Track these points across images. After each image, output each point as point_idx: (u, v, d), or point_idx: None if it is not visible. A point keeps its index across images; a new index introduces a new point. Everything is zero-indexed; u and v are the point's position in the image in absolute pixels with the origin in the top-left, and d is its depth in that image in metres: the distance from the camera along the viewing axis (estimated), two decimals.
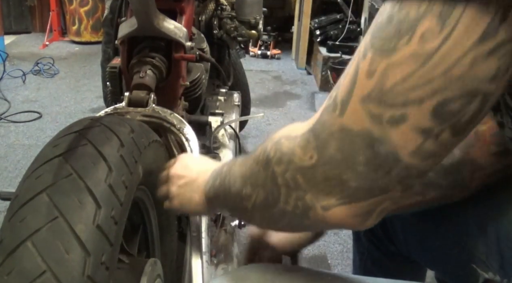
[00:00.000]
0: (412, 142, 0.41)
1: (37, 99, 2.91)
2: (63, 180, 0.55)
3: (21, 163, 2.14)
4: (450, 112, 0.40)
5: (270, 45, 4.00)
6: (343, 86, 0.44)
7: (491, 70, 0.39)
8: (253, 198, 0.54)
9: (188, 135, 0.92)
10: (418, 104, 0.40)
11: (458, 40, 0.38)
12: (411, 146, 0.41)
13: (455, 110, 0.40)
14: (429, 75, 0.39)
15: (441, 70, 0.39)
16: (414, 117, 0.40)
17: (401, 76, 0.40)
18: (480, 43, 0.38)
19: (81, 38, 4.15)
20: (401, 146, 0.41)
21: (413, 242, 0.82)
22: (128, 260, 0.71)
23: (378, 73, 0.41)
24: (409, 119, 0.40)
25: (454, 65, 0.38)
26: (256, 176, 0.53)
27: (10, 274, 0.48)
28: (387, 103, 0.41)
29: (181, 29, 1.01)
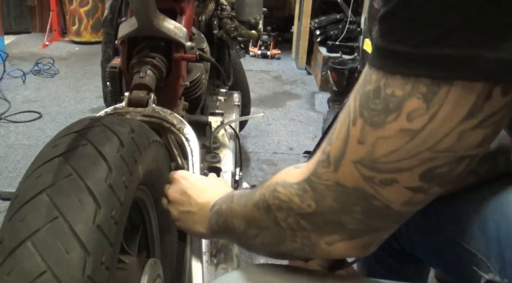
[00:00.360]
0: (403, 197, 0.44)
1: (37, 99, 2.91)
2: (63, 180, 0.55)
3: (21, 163, 2.14)
4: (438, 175, 0.42)
5: (270, 45, 4.00)
6: (335, 146, 0.46)
7: (478, 139, 0.40)
8: (259, 237, 0.57)
9: (188, 135, 0.92)
10: (407, 171, 0.42)
11: (445, 118, 0.39)
12: (402, 200, 0.45)
13: (443, 173, 0.42)
14: (417, 149, 0.41)
15: (428, 145, 0.40)
16: (404, 181, 0.43)
17: (390, 149, 0.42)
18: (467, 119, 0.39)
19: (81, 38, 4.15)
20: (392, 200, 0.45)
21: (417, 240, 0.82)
22: (128, 260, 0.71)
23: (369, 143, 0.43)
24: (399, 182, 0.43)
25: (441, 140, 0.40)
26: (259, 220, 0.56)
27: (10, 274, 0.48)
28: (378, 170, 0.43)
29: (181, 29, 1.01)
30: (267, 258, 0.90)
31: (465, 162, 0.42)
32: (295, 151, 2.33)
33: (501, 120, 0.40)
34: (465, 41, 0.37)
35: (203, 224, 0.71)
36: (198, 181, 0.78)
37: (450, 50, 0.37)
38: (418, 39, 0.38)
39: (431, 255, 0.81)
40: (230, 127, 1.42)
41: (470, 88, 0.38)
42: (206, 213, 0.71)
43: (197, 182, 0.78)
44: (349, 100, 0.46)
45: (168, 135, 0.95)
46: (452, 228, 0.73)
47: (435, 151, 0.40)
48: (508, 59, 0.36)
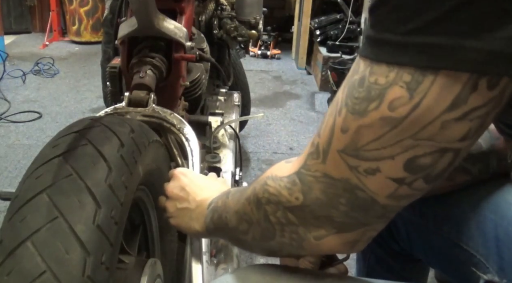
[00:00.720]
0: (387, 188, 0.44)
1: (37, 99, 2.91)
2: (63, 180, 0.55)
3: (21, 163, 2.14)
4: (421, 165, 0.42)
5: (270, 45, 4.00)
6: (323, 136, 0.47)
7: (462, 132, 0.40)
8: (250, 233, 0.57)
9: (188, 135, 0.92)
10: (390, 159, 0.42)
11: (428, 108, 0.39)
12: (386, 191, 0.44)
13: (426, 164, 0.42)
14: (399, 137, 0.41)
15: (410, 133, 0.40)
16: (387, 170, 0.43)
17: (372, 137, 0.42)
18: (450, 110, 0.38)
19: (81, 38, 4.15)
20: (377, 192, 0.45)
21: (416, 241, 0.82)
22: (128, 260, 0.71)
23: (351, 132, 0.43)
24: (382, 171, 0.43)
25: (423, 128, 0.40)
26: (249, 214, 0.56)
27: (10, 274, 0.48)
28: (362, 158, 0.43)
29: (181, 29, 1.01)
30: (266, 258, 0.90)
31: (449, 155, 0.41)
32: (295, 151, 2.33)
33: (486, 115, 0.39)
34: (451, 30, 0.37)
35: (199, 221, 0.71)
36: (197, 178, 0.78)
37: (436, 39, 0.37)
38: (404, 27, 0.38)
39: (429, 256, 0.81)
40: (230, 127, 1.42)
41: (455, 78, 0.37)
42: (203, 210, 0.70)
43: (196, 179, 0.78)
44: (338, 91, 0.46)
45: (168, 135, 0.95)
46: (449, 229, 0.73)
47: (417, 139, 0.40)
48: (495, 50, 0.36)
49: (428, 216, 0.76)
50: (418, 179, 0.43)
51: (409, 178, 0.43)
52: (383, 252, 0.92)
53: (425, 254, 0.82)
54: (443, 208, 0.74)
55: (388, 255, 0.92)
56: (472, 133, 0.40)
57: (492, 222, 0.68)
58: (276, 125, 2.65)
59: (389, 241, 0.88)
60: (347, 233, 0.49)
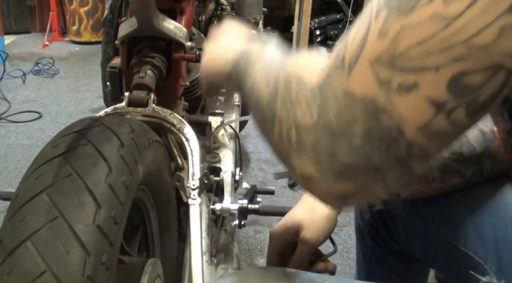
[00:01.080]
0: (421, 114, 0.36)
1: (37, 99, 2.91)
2: (63, 180, 0.55)
3: (21, 163, 2.14)
4: (468, 85, 0.35)
5: None
6: (352, 46, 0.39)
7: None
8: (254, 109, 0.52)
9: (188, 135, 0.92)
10: (434, 72, 0.35)
11: (486, 5, 0.33)
12: (419, 119, 0.36)
13: (475, 84, 0.35)
14: (450, 40, 0.34)
15: (463, 36, 0.34)
16: (428, 86, 0.35)
17: (417, 39, 0.35)
18: (510, 12, 0.33)
19: (81, 38, 4.16)
20: (408, 118, 0.36)
21: (415, 242, 0.82)
22: (128, 260, 0.71)
23: (392, 34, 0.36)
24: (421, 87, 0.35)
25: (478, 33, 0.34)
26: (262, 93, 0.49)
27: (10, 274, 0.48)
28: (399, 68, 0.36)
29: (181, 29, 1.01)
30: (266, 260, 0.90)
31: (501, 75, 0.34)
32: None
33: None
34: None
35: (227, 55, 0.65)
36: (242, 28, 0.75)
37: None
38: None
39: (428, 257, 0.81)
40: (230, 127, 1.42)
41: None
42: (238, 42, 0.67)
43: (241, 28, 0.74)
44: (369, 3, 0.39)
45: (168, 135, 0.95)
46: (447, 230, 0.73)
47: (470, 47, 0.34)
48: None
49: (426, 217, 0.77)
50: (460, 107, 0.36)
51: (451, 102, 0.35)
52: (383, 252, 0.92)
53: (424, 255, 0.82)
54: (441, 210, 0.74)
55: (388, 255, 0.92)
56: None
57: (490, 224, 0.68)
58: None
59: (389, 241, 0.89)
60: (347, 182, 0.41)
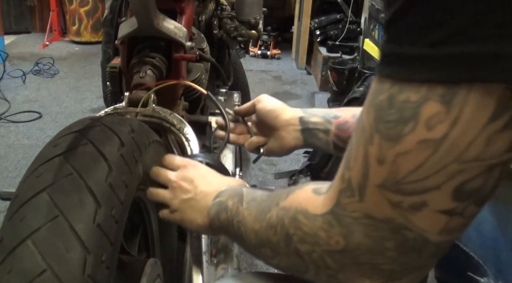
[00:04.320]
0: (437, 223, 0.39)
1: (37, 99, 2.91)
2: (63, 179, 0.55)
3: (21, 163, 2.14)
4: (470, 190, 0.37)
5: (270, 45, 4.00)
6: (356, 170, 0.41)
7: (507, 142, 0.36)
8: (276, 260, 0.53)
9: (188, 135, 0.92)
10: (437, 190, 0.37)
11: (468, 122, 0.34)
12: (437, 227, 0.39)
13: (476, 188, 0.37)
14: (442, 162, 0.36)
15: (454, 155, 0.36)
16: (435, 202, 0.38)
17: (413, 165, 0.37)
18: (493, 121, 0.34)
19: (81, 38, 4.16)
20: (427, 229, 0.39)
21: None
22: (128, 260, 0.71)
23: (389, 162, 0.38)
24: (430, 204, 0.38)
25: (467, 148, 0.35)
26: (276, 245, 0.51)
27: (10, 273, 0.48)
28: (405, 192, 0.38)
29: (181, 29, 1.01)
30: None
31: (496, 171, 0.37)
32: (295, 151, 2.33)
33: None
34: (483, 37, 0.33)
35: (202, 213, 0.67)
36: (208, 173, 0.74)
37: (467, 48, 0.33)
38: (430, 38, 0.34)
39: None
40: None
41: (492, 87, 0.34)
42: (208, 201, 0.67)
43: (207, 172, 0.73)
44: (361, 115, 0.41)
45: (168, 135, 0.95)
46: None
47: (463, 162, 0.36)
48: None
49: None
50: (470, 205, 0.38)
51: (460, 206, 0.38)
52: None
53: None
54: None
55: None
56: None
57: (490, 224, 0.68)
58: None
59: None
60: (397, 281, 0.43)
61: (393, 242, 0.41)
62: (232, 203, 0.61)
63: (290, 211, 0.49)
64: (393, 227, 0.40)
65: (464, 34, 0.33)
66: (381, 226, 0.40)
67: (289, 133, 0.91)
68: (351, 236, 0.42)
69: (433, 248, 0.41)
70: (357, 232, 0.42)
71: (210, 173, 0.74)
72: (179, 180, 0.72)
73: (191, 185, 0.71)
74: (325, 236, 0.44)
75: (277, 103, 0.93)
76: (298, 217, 0.47)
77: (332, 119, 0.88)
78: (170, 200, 0.72)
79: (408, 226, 0.39)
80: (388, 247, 0.41)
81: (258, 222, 0.54)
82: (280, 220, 0.50)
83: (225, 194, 0.65)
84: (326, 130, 0.88)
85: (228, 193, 0.65)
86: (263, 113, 0.91)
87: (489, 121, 0.34)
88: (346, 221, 0.42)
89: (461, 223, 0.40)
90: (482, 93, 0.34)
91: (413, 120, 0.36)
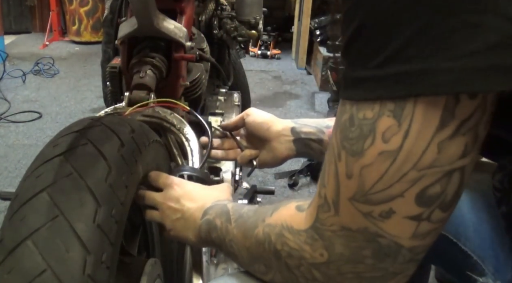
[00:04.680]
0: (407, 229, 0.42)
1: (37, 99, 2.92)
2: (63, 179, 0.55)
3: (21, 163, 2.14)
4: (432, 195, 0.40)
5: (270, 45, 4.00)
6: (329, 186, 0.45)
7: (460, 149, 0.39)
8: (270, 275, 0.55)
9: (188, 135, 0.93)
10: (401, 197, 0.41)
11: (419, 132, 0.38)
12: (408, 232, 0.42)
13: (437, 192, 0.40)
14: (401, 170, 0.40)
15: (411, 163, 0.39)
16: (401, 209, 0.41)
17: (376, 176, 0.41)
18: (441, 129, 0.38)
19: (81, 38, 4.16)
20: (398, 235, 0.42)
21: None
22: (128, 260, 0.71)
23: (356, 175, 0.42)
24: (397, 211, 0.41)
25: (421, 156, 0.39)
26: (267, 260, 0.53)
27: (10, 272, 0.48)
28: (373, 202, 0.42)
29: (181, 29, 1.01)
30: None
31: (456, 176, 0.40)
32: None
33: (477, 126, 0.39)
34: (420, 54, 0.36)
35: (193, 232, 0.69)
36: (193, 189, 0.75)
37: (407, 66, 0.37)
38: (375, 61, 0.38)
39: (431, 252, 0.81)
40: None
41: (435, 100, 0.37)
42: (196, 219, 0.69)
43: (191, 190, 0.74)
44: (331, 136, 0.45)
45: (168, 135, 0.95)
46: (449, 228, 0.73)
47: (420, 169, 0.39)
48: (467, 66, 0.35)
49: None
50: (435, 210, 0.41)
51: (426, 212, 0.41)
52: None
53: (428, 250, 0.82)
54: None
55: None
56: (470, 147, 0.39)
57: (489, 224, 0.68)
58: None
59: None
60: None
61: (370, 250, 0.44)
62: (220, 222, 0.63)
63: (276, 228, 0.52)
64: (368, 235, 0.43)
65: (400, 55, 0.37)
66: (357, 236, 0.44)
67: (282, 143, 0.92)
68: (332, 248, 0.45)
69: (408, 253, 0.43)
70: (338, 244, 0.45)
71: (194, 189, 0.75)
72: (166, 201, 0.73)
73: (178, 204, 0.72)
74: (310, 250, 0.47)
75: (267, 115, 0.95)
76: (284, 233, 0.50)
77: (324, 128, 0.90)
78: (163, 220, 0.74)
79: (381, 234, 0.42)
80: (366, 255, 0.44)
81: (248, 239, 0.56)
82: (267, 236, 0.53)
83: (211, 212, 0.67)
84: (319, 140, 0.90)
85: (214, 211, 0.66)
86: (254, 126, 0.93)
87: (437, 130, 0.38)
88: (327, 234, 0.46)
89: (431, 228, 0.42)
90: (427, 106, 0.38)
91: (371, 134, 0.40)
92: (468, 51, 0.35)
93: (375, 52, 0.38)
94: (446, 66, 0.35)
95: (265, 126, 0.92)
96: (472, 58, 0.35)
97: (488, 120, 0.40)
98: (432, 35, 0.36)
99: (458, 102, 0.37)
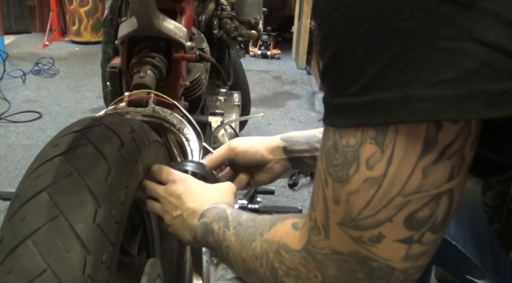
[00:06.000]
0: (398, 252, 0.41)
1: (37, 99, 2.91)
2: (63, 179, 0.55)
3: (21, 163, 2.14)
4: (422, 219, 0.40)
5: (270, 45, 4.00)
6: (319, 211, 0.45)
7: (446, 173, 0.38)
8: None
9: (188, 135, 0.93)
10: (389, 222, 0.40)
11: (402, 159, 0.38)
12: (399, 255, 0.42)
13: (426, 216, 0.40)
14: (387, 196, 0.39)
15: (397, 189, 0.39)
16: (390, 233, 0.41)
17: (363, 202, 0.40)
18: (425, 155, 0.37)
19: (81, 38, 4.16)
20: (390, 258, 0.42)
21: None
22: (128, 260, 0.71)
23: (343, 201, 0.41)
24: (386, 236, 0.41)
25: (406, 182, 0.38)
26: (263, 276, 0.53)
27: (10, 272, 0.48)
28: (362, 227, 0.41)
29: (181, 29, 1.01)
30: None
31: (444, 199, 0.39)
32: None
33: (462, 149, 0.38)
34: (396, 82, 0.36)
35: (191, 232, 0.69)
36: (195, 186, 0.74)
37: (384, 94, 0.36)
38: (353, 88, 0.38)
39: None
40: (230, 127, 1.42)
41: (416, 126, 0.37)
42: (194, 220, 0.69)
43: (194, 187, 0.73)
44: (318, 161, 0.45)
45: (168, 135, 0.95)
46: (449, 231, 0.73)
47: (406, 195, 0.39)
48: (443, 94, 0.34)
49: None
50: (426, 233, 0.41)
51: (416, 235, 0.40)
52: None
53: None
54: None
55: None
56: (457, 170, 0.39)
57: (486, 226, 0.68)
58: (276, 125, 2.65)
59: None
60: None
61: (362, 273, 0.43)
62: (217, 227, 0.63)
63: (273, 245, 0.52)
64: (359, 259, 0.43)
65: (375, 83, 0.37)
66: (348, 260, 0.43)
67: (277, 163, 0.92)
68: (326, 270, 0.45)
69: (401, 274, 0.43)
70: (330, 267, 0.45)
71: (197, 186, 0.74)
72: (168, 196, 0.73)
73: (178, 201, 0.72)
74: (305, 270, 0.47)
75: (253, 141, 0.92)
76: (281, 252, 0.50)
77: (316, 143, 0.91)
78: (163, 214, 0.74)
79: (372, 257, 0.42)
80: (359, 277, 0.44)
81: (245, 250, 0.56)
82: (265, 253, 0.53)
83: (209, 215, 0.66)
84: (314, 157, 0.90)
85: (212, 214, 0.66)
86: (248, 158, 0.90)
87: (420, 156, 0.38)
88: (319, 257, 0.46)
89: (422, 250, 0.42)
90: (408, 132, 0.37)
91: (355, 161, 0.40)
92: (443, 79, 0.34)
93: (352, 80, 0.38)
94: (422, 94, 0.35)
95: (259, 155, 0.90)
96: (448, 85, 0.34)
97: (474, 142, 0.39)
98: (406, 62, 0.35)
99: (440, 127, 0.37)
